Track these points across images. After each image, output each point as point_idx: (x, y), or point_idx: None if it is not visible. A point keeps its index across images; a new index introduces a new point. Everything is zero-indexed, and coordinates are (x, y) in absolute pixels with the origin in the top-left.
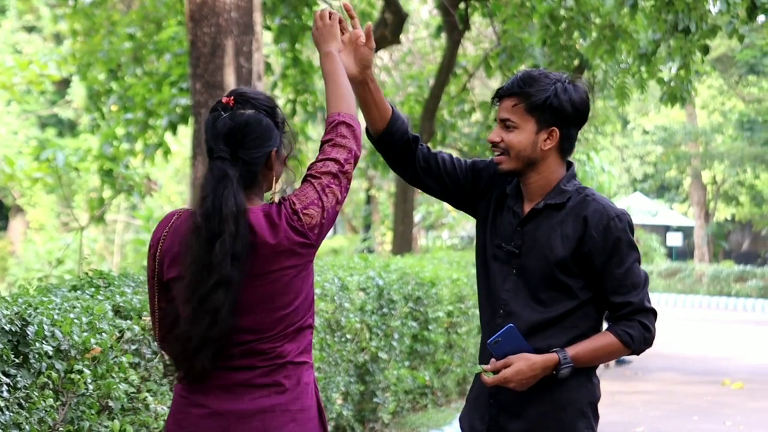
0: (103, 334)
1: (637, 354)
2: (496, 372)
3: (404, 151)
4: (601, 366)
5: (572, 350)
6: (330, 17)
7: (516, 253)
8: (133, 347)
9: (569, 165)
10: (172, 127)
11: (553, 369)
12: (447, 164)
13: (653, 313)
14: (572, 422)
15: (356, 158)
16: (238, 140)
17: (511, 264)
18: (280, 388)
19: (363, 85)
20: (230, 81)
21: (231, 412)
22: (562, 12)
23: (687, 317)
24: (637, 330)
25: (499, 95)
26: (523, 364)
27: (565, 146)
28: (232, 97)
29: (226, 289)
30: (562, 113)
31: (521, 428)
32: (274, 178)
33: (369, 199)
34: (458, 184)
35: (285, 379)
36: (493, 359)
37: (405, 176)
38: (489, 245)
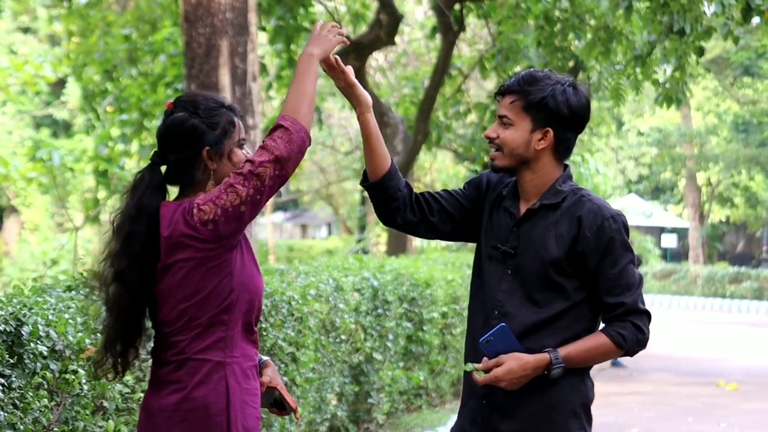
0: (97, 334)
1: (631, 356)
2: (487, 371)
3: (397, 206)
4: (595, 367)
5: (564, 350)
6: (329, 28)
7: (511, 254)
8: None
9: (565, 167)
10: None
11: (545, 369)
12: (447, 198)
13: (647, 315)
14: (564, 423)
15: (282, 162)
16: (165, 143)
17: (507, 264)
18: (179, 385)
19: (361, 127)
20: (225, 82)
21: (152, 408)
22: (557, 13)
23: (681, 319)
24: (629, 331)
25: (501, 92)
26: (515, 363)
27: (561, 148)
28: (174, 102)
29: (123, 282)
30: (558, 114)
31: (513, 429)
32: (216, 177)
33: (364, 201)
34: (467, 210)
35: (186, 376)
36: (485, 358)
37: (406, 228)
38: (485, 246)
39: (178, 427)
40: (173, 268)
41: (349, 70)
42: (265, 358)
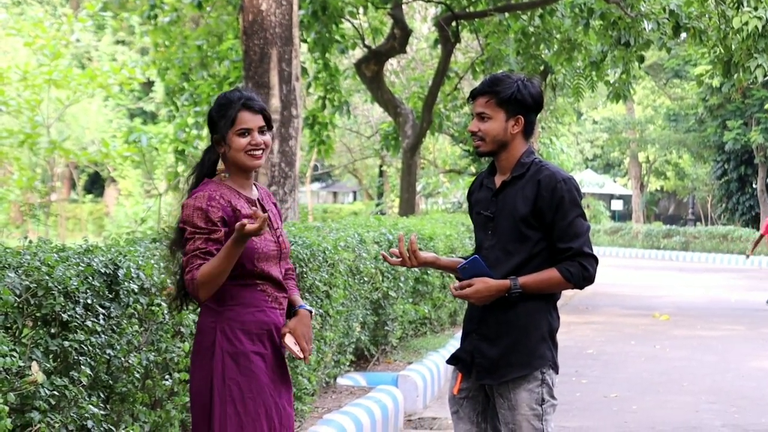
0: (175, 275)
1: (580, 289)
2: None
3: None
4: (558, 303)
5: (522, 279)
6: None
7: (491, 218)
8: None
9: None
10: None
11: (506, 292)
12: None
13: (593, 258)
14: (535, 345)
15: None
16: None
17: (488, 227)
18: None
19: (444, 267)
20: (275, 81)
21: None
22: (531, 29)
23: (626, 265)
24: (576, 268)
25: (473, 95)
26: (482, 285)
27: (528, 130)
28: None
29: (178, 231)
30: (524, 104)
31: (497, 353)
32: (227, 158)
33: (381, 173)
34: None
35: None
36: (462, 281)
37: None
38: (474, 216)
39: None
40: None
41: (421, 257)
42: (301, 307)
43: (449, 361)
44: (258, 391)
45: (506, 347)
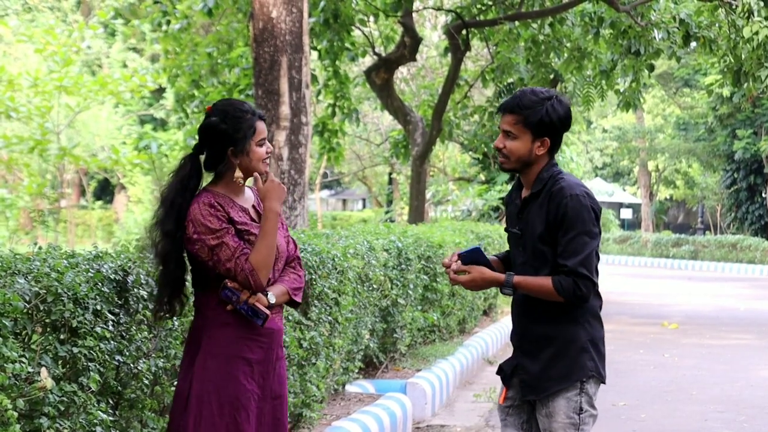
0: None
1: (568, 303)
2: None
3: None
4: None
5: (517, 278)
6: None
7: (519, 235)
8: None
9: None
10: None
11: (498, 285)
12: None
13: (589, 280)
14: (576, 356)
15: (230, 275)
16: (202, 139)
17: (518, 243)
18: None
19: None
20: (284, 89)
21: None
22: (542, 38)
23: (635, 274)
24: (568, 284)
25: (502, 109)
26: (477, 274)
27: (554, 149)
28: (212, 106)
29: (171, 239)
30: (552, 126)
31: (539, 368)
32: (241, 170)
33: (391, 181)
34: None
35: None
36: (458, 263)
37: None
38: (507, 233)
39: None
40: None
41: (463, 279)
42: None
43: (498, 372)
44: (237, 396)
45: (546, 361)
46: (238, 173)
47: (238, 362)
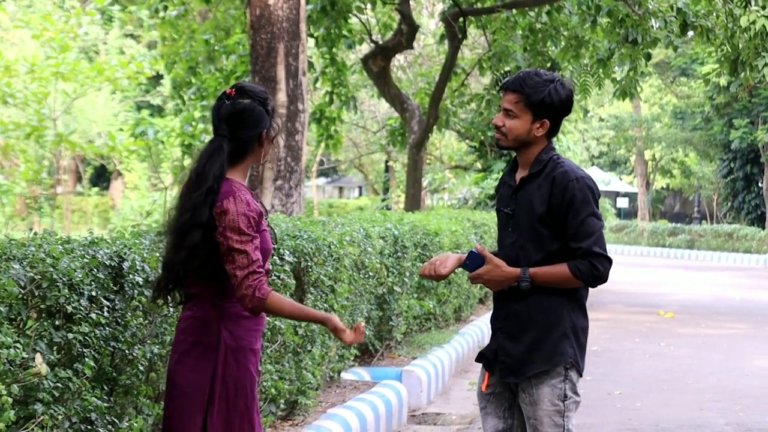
0: None
1: (592, 287)
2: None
3: None
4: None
5: (533, 270)
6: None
7: (511, 215)
8: None
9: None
10: None
11: (515, 280)
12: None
13: (605, 258)
14: (557, 341)
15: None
16: (237, 123)
17: (509, 224)
18: None
19: None
20: (281, 76)
21: None
22: (539, 25)
23: (631, 263)
24: (585, 266)
25: (504, 88)
26: (493, 267)
27: (552, 131)
28: (234, 89)
29: (203, 230)
30: (553, 108)
31: (520, 351)
32: (263, 154)
33: (387, 169)
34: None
35: None
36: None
37: None
38: (497, 213)
39: None
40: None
41: (443, 272)
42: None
43: (477, 359)
44: (250, 387)
45: (529, 344)
46: (268, 156)
47: (250, 354)
